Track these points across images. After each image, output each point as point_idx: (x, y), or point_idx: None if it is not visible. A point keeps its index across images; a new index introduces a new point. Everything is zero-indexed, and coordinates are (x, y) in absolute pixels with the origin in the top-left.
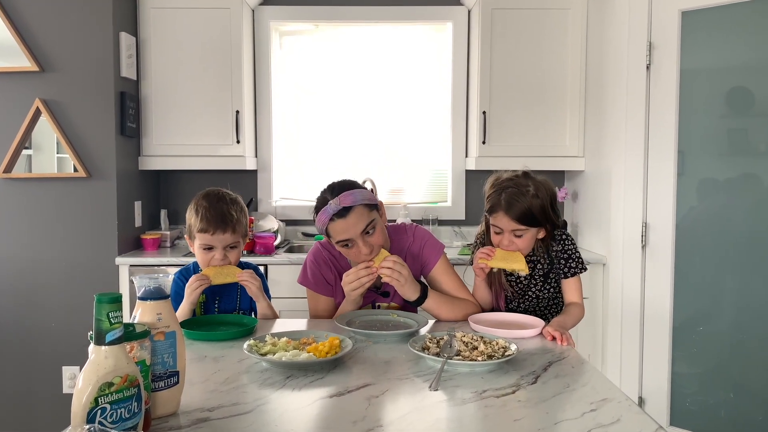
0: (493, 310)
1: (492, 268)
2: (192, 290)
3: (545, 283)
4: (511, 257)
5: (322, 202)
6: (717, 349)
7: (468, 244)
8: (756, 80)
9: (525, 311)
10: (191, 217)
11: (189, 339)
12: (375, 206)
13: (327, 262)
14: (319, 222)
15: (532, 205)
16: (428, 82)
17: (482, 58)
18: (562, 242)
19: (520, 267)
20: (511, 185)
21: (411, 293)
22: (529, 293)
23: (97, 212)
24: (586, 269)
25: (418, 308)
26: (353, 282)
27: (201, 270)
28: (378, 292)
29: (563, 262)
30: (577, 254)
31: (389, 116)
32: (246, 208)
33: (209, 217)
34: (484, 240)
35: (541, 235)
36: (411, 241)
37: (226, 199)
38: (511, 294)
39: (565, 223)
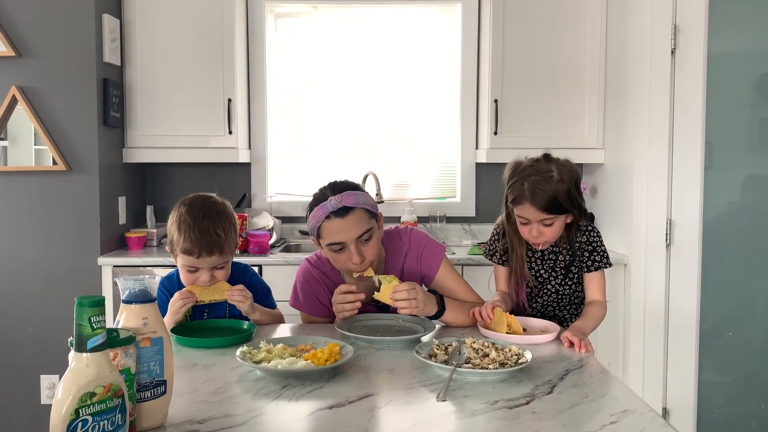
0: (513, 311)
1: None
2: (176, 310)
3: (566, 277)
4: (501, 323)
5: (320, 197)
6: (747, 357)
7: (478, 243)
8: None
9: (544, 307)
10: (173, 233)
11: (179, 345)
12: (375, 215)
13: (318, 280)
14: (313, 218)
15: (557, 192)
16: (436, 68)
17: (494, 42)
18: (587, 233)
19: (504, 331)
20: (534, 173)
21: (430, 311)
22: (548, 287)
23: (78, 209)
24: (611, 265)
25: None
26: (345, 304)
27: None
28: (377, 306)
29: (587, 255)
30: (603, 248)
31: (394, 106)
32: (236, 218)
33: (193, 238)
34: (505, 230)
35: (569, 219)
36: (408, 247)
37: (212, 213)
38: (532, 284)
39: (592, 217)
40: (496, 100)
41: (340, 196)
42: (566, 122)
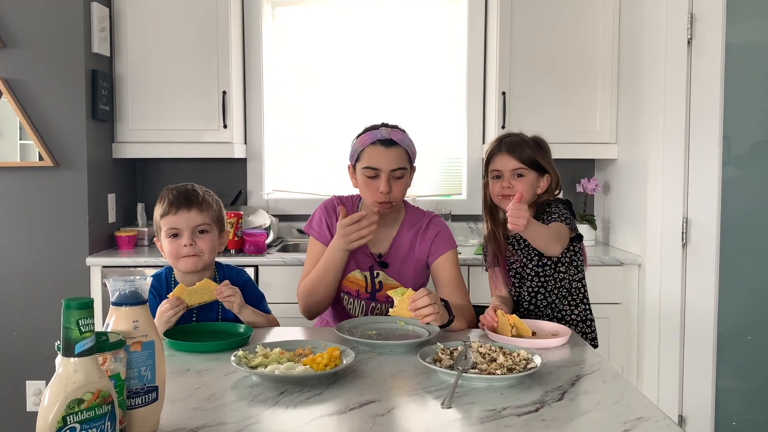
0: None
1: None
2: (166, 320)
3: (540, 259)
4: (505, 325)
5: (371, 126)
6: (767, 361)
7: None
8: None
9: (531, 295)
10: (156, 210)
11: (172, 350)
12: (412, 165)
13: (336, 210)
14: (359, 142)
15: (532, 149)
16: (440, 59)
17: (501, 31)
18: (549, 208)
19: (505, 331)
20: (512, 134)
21: (444, 320)
22: (527, 270)
23: (66, 206)
24: (574, 229)
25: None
26: (353, 234)
27: (174, 274)
28: (378, 261)
29: (545, 219)
30: (562, 212)
31: (396, 98)
32: (220, 201)
33: (172, 197)
34: (483, 214)
35: (541, 188)
36: (426, 222)
37: (196, 185)
38: (517, 264)
39: (569, 203)
40: (503, 93)
41: (390, 130)
42: (577, 116)
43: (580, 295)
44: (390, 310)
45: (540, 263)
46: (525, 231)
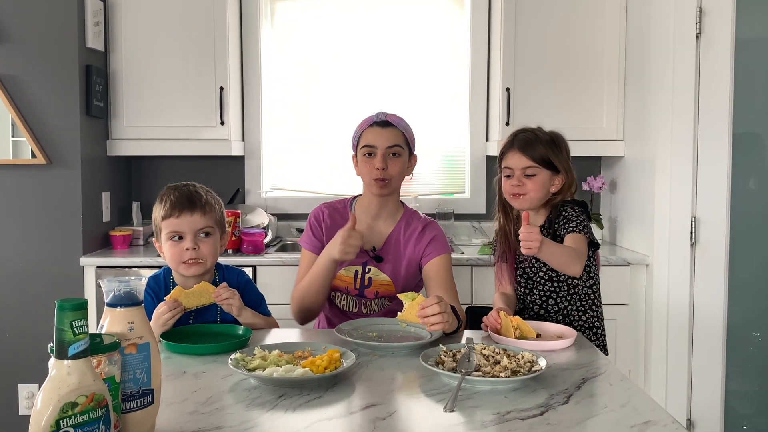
0: (519, 311)
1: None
2: (164, 322)
3: None
4: (508, 327)
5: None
6: None
7: (488, 242)
8: None
9: (542, 299)
10: (156, 211)
11: (168, 352)
12: (411, 149)
13: (322, 217)
14: (359, 127)
15: (546, 147)
16: (443, 55)
17: (506, 26)
18: (564, 211)
19: (508, 333)
20: (527, 130)
21: (453, 325)
22: (540, 274)
23: (59, 205)
24: (594, 241)
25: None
26: (349, 248)
27: (173, 276)
28: (372, 255)
29: (562, 224)
30: (580, 219)
31: (399, 95)
32: (221, 201)
33: (173, 199)
34: (497, 208)
35: (555, 186)
36: (422, 226)
37: (196, 185)
38: (525, 264)
39: (585, 204)
40: (507, 89)
41: (386, 114)
42: (583, 112)
43: (590, 301)
44: (398, 314)
45: (552, 267)
46: (539, 253)
